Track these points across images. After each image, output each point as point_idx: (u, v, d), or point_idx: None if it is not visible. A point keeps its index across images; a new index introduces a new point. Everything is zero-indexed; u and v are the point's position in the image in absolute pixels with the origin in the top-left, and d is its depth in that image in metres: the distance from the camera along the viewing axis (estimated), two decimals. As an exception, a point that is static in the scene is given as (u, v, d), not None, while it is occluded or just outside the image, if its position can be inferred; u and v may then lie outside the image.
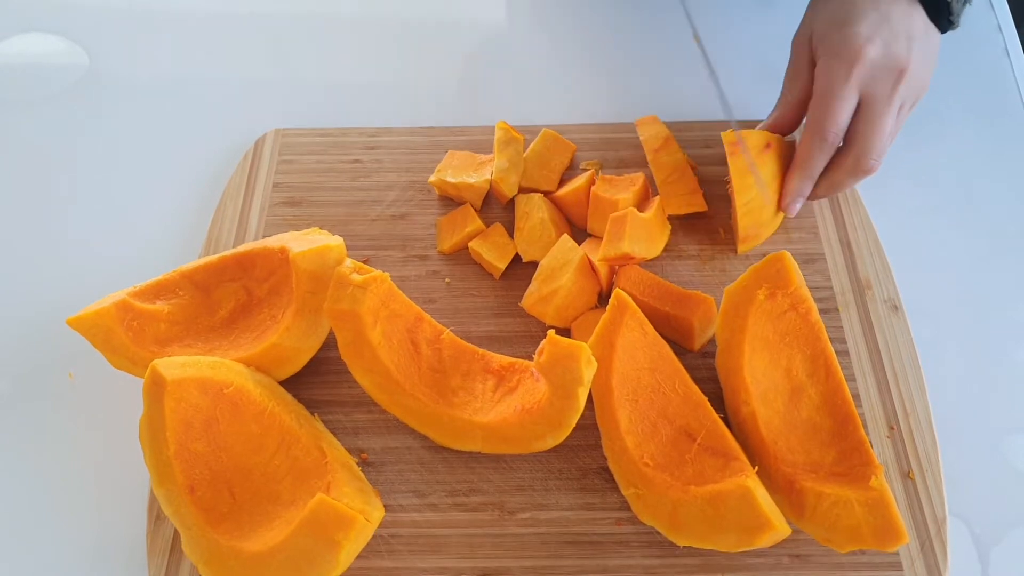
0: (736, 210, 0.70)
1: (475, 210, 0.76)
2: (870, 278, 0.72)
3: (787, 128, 0.73)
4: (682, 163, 0.75)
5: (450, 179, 0.76)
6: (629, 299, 0.64)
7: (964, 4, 0.68)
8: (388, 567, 0.61)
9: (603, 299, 0.71)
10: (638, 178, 0.74)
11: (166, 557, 0.61)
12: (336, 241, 0.67)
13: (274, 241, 0.69)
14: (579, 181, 0.75)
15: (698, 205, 0.74)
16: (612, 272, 0.70)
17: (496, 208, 0.77)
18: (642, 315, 0.64)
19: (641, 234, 0.69)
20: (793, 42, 0.72)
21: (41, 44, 0.93)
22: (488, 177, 0.75)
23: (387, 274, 0.64)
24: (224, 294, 0.69)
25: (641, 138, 0.78)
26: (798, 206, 0.71)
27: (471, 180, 0.75)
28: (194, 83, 0.89)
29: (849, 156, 0.67)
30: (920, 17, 0.67)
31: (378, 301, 0.64)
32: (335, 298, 0.63)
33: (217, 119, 0.86)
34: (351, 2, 0.96)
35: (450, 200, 0.78)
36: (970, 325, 0.71)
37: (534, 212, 0.73)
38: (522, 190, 0.77)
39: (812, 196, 0.72)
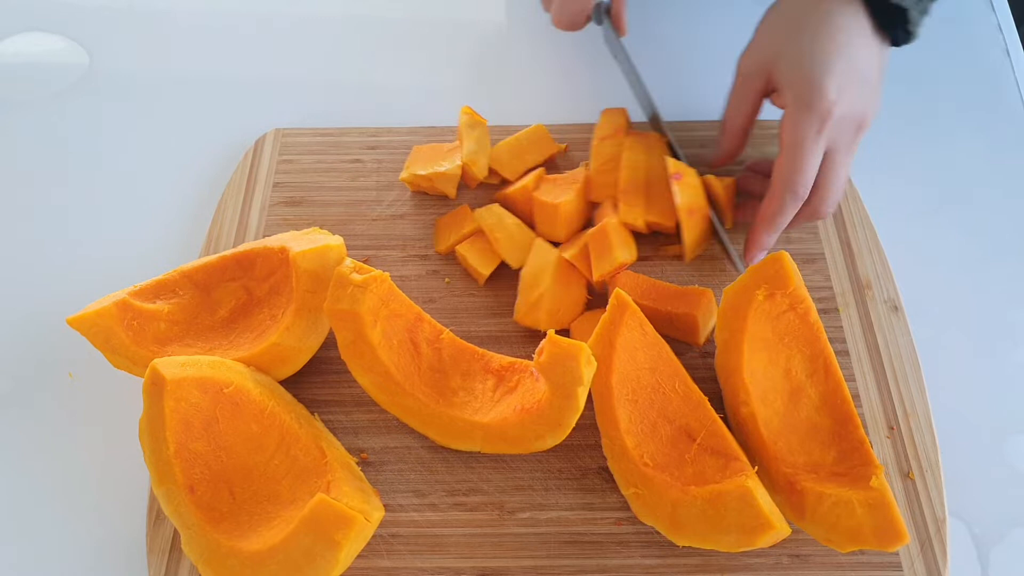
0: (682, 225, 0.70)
1: (451, 198, 0.77)
2: (870, 278, 0.72)
3: (734, 158, 0.74)
4: (615, 156, 0.74)
5: (421, 172, 0.76)
6: (629, 299, 0.63)
7: (923, 14, 0.65)
8: (388, 567, 0.61)
9: (594, 294, 0.71)
10: (579, 174, 0.74)
11: (166, 556, 0.61)
12: (336, 241, 0.67)
13: (274, 241, 0.69)
14: (526, 180, 0.74)
15: (614, 198, 0.73)
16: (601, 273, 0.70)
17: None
18: (642, 315, 0.64)
19: (625, 239, 0.70)
20: (741, 64, 0.70)
21: (41, 44, 0.93)
22: (458, 163, 0.75)
23: (387, 274, 0.64)
24: (224, 294, 0.69)
25: (596, 126, 0.77)
26: (763, 256, 0.69)
27: (443, 168, 0.75)
28: (194, 83, 0.89)
29: (808, 204, 0.67)
30: (878, 49, 0.66)
31: (378, 301, 0.64)
32: (335, 298, 0.63)
33: (217, 119, 0.86)
34: (352, 2, 0.96)
35: (426, 195, 0.78)
36: (970, 325, 0.71)
37: (504, 218, 0.73)
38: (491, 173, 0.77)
39: (765, 242, 0.70)
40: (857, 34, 0.64)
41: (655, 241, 0.73)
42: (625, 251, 0.68)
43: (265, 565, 0.55)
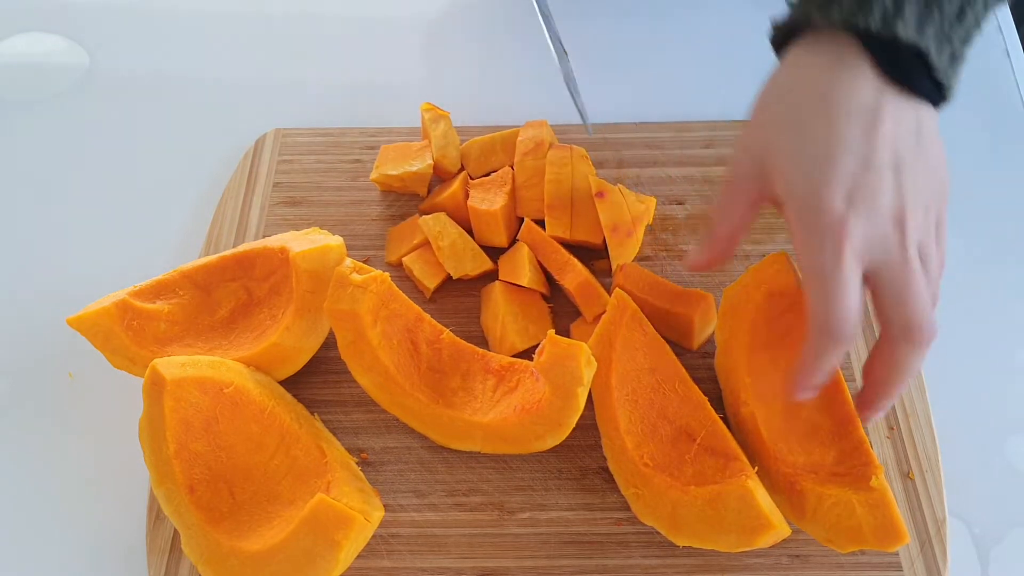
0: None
1: (421, 197, 0.76)
2: (870, 278, 0.71)
3: (715, 267, 0.59)
4: (540, 170, 0.73)
5: (392, 171, 0.75)
6: (629, 299, 0.64)
7: (954, 62, 0.51)
8: (388, 567, 0.61)
9: (553, 294, 0.71)
10: (505, 175, 0.74)
11: (166, 556, 0.61)
12: (336, 241, 0.67)
13: (274, 241, 0.69)
14: (453, 186, 0.74)
15: (540, 213, 0.72)
16: (547, 270, 0.71)
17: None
18: (642, 315, 0.64)
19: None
20: (734, 153, 0.56)
21: (41, 44, 0.93)
22: (429, 161, 0.75)
23: (387, 274, 0.64)
24: (224, 294, 0.69)
25: (518, 139, 0.76)
26: (808, 395, 0.54)
27: (414, 168, 0.75)
28: (194, 83, 0.89)
29: (900, 341, 0.51)
30: (911, 112, 0.51)
31: (378, 301, 0.64)
32: (335, 298, 0.63)
33: (217, 119, 0.86)
34: (351, 2, 0.96)
35: (396, 194, 0.78)
36: (970, 325, 0.71)
37: (449, 227, 0.72)
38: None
39: (880, 391, 0.54)
40: (868, 109, 0.49)
41: (582, 255, 0.72)
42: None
43: (265, 565, 0.55)
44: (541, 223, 0.72)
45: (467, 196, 0.73)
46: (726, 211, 0.56)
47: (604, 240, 0.70)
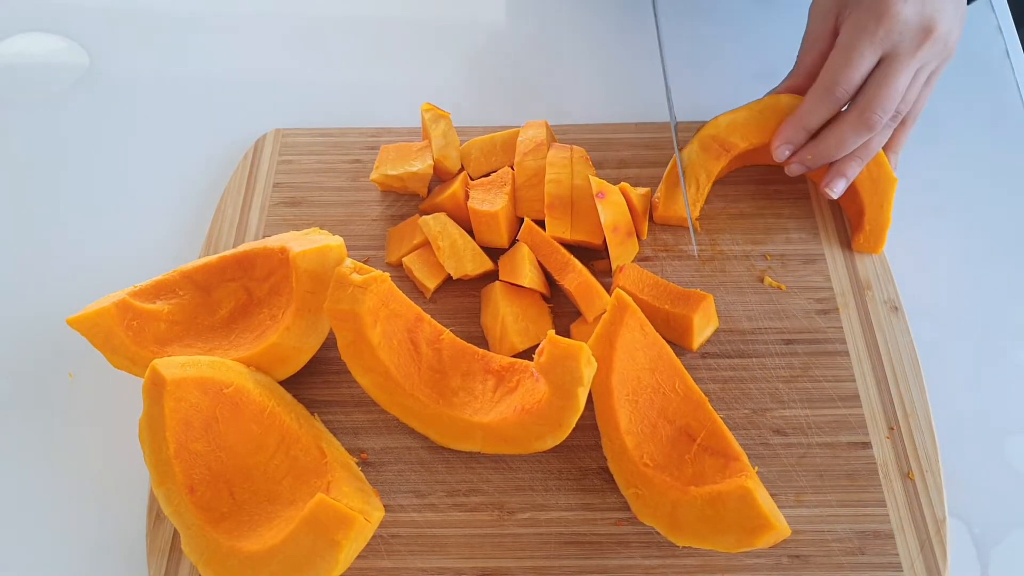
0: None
1: (421, 197, 0.76)
2: (870, 278, 0.72)
3: (801, 92, 0.72)
4: (540, 170, 0.73)
5: (392, 172, 0.75)
6: (629, 299, 0.64)
7: None
8: (388, 567, 0.61)
9: (554, 294, 0.71)
10: (505, 175, 0.74)
11: (166, 557, 0.61)
12: (336, 241, 0.67)
13: (274, 241, 0.69)
14: (453, 186, 0.74)
15: (540, 213, 0.72)
16: (546, 269, 0.70)
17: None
18: (642, 315, 0.64)
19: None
20: (812, 8, 0.71)
21: (41, 44, 0.93)
22: (430, 162, 0.75)
23: (387, 274, 0.64)
24: (224, 294, 0.69)
25: (518, 139, 0.76)
26: (787, 153, 0.71)
27: (414, 168, 0.75)
28: (194, 83, 0.89)
29: (854, 108, 0.67)
30: None
31: (378, 301, 0.64)
32: (335, 298, 0.63)
33: (217, 119, 0.86)
34: (351, 2, 0.96)
35: (396, 194, 0.78)
36: (970, 325, 0.71)
37: (449, 227, 0.72)
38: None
39: (819, 154, 0.70)
40: None
41: (581, 255, 0.72)
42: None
43: (265, 565, 0.55)
44: (541, 223, 0.72)
45: (467, 196, 0.73)
46: (811, 45, 0.70)
47: (604, 240, 0.70)
